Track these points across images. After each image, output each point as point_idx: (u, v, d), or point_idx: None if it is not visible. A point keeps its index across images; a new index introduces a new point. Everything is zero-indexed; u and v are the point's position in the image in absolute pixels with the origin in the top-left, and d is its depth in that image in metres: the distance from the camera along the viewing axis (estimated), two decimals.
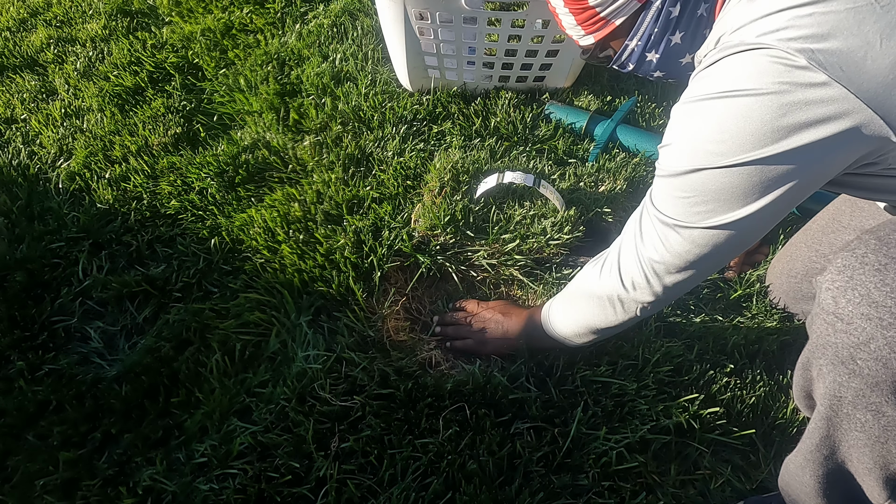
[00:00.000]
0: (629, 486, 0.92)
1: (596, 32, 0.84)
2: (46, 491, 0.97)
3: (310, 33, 1.76)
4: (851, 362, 0.59)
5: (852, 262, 0.59)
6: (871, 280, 0.57)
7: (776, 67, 0.58)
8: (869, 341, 0.57)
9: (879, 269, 0.57)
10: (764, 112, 0.59)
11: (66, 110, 1.71)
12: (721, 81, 0.63)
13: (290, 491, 0.92)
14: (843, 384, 0.62)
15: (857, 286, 0.58)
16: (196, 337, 1.14)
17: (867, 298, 0.57)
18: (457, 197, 1.26)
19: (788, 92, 0.57)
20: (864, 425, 0.62)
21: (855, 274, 0.58)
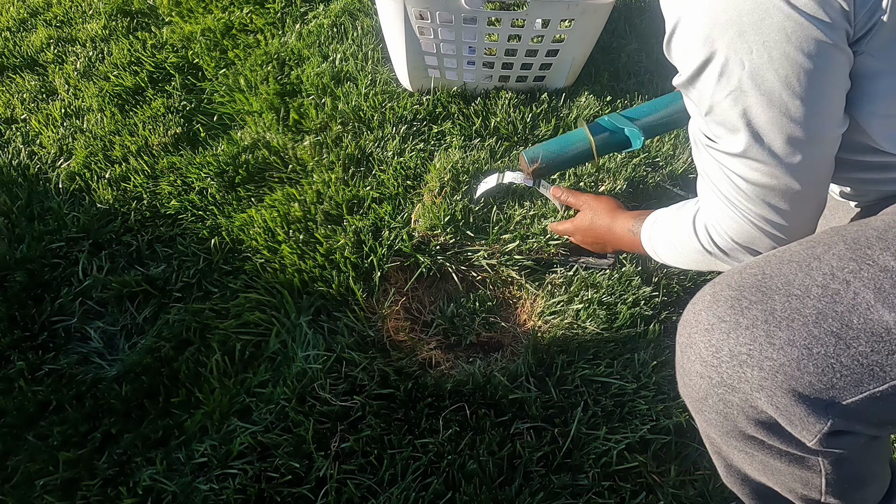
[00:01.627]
0: (629, 486, 0.92)
1: None
2: (46, 491, 0.97)
3: (310, 33, 1.76)
4: (701, 413, 0.62)
5: (690, 318, 0.60)
6: (701, 339, 0.58)
7: None
8: (706, 397, 0.60)
9: (708, 328, 0.58)
10: None
11: (66, 110, 1.71)
12: None
13: (290, 491, 0.92)
14: (704, 428, 0.66)
15: (693, 345, 0.59)
16: (196, 337, 1.14)
17: (699, 357, 0.58)
18: (457, 197, 1.26)
19: None
20: (745, 461, 0.66)
21: (691, 332, 0.59)
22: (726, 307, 0.57)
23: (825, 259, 0.56)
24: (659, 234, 0.89)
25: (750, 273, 0.59)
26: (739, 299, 0.57)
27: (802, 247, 0.60)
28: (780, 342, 0.54)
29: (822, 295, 0.54)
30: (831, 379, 0.52)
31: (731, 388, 0.56)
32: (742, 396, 0.56)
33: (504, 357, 1.11)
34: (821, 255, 0.57)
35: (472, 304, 1.17)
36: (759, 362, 0.54)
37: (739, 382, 0.56)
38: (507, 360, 1.09)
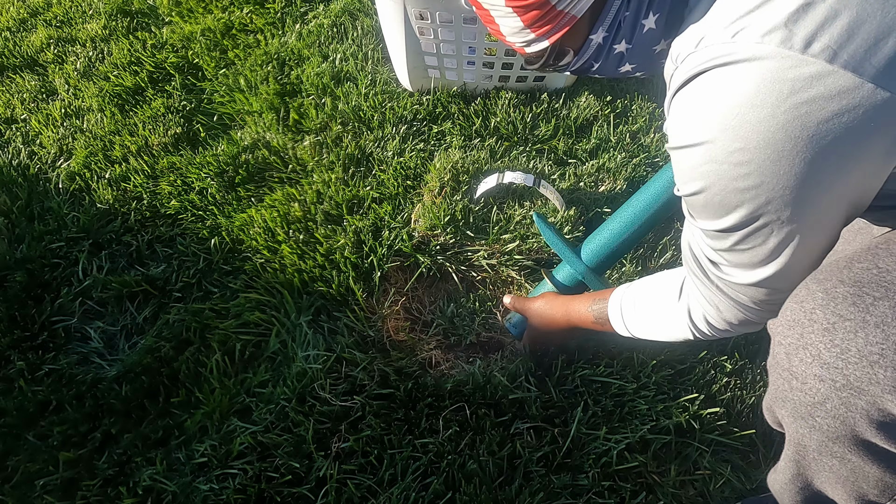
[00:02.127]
0: (629, 486, 0.92)
1: (551, 34, 0.67)
2: (46, 491, 0.97)
3: (310, 33, 1.76)
4: (810, 418, 0.59)
5: (801, 317, 0.56)
6: (820, 340, 0.55)
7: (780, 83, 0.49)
8: (824, 401, 0.56)
9: (828, 328, 0.54)
10: (786, 142, 0.51)
11: (66, 110, 1.71)
12: (710, 117, 0.53)
13: (290, 491, 0.93)
14: (806, 435, 0.62)
15: (808, 346, 0.56)
16: (196, 337, 1.14)
17: (818, 359, 0.55)
18: (457, 197, 1.26)
19: (800, 114, 0.49)
20: (832, 468, 0.62)
21: (805, 332, 0.56)
22: (847, 304, 0.53)
23: None
24: (637, 318, 0.84)
25: (862, 268, 0.55)
26: (861, 296, 0.53)
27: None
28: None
29: None
30: None
31: (858, 390, 0.53)
32: (870, 399, 0.53)
33: (504, 357, 1.11)
34: None
35: (472, 304, 1.17)
36: (893, 362, 0.51)
37: (869, 384, 0.52)
38: (507, 360, 1.09)
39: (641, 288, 0.84)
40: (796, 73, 0.49)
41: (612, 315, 0.88)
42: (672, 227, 1.26)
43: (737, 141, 0.53)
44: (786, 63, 0.49)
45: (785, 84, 0.49)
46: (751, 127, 0.51)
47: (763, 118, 0.51)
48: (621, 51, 0.70)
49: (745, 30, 0.52)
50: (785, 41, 0.49)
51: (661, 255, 1.18)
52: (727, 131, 0.53)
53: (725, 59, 0.52)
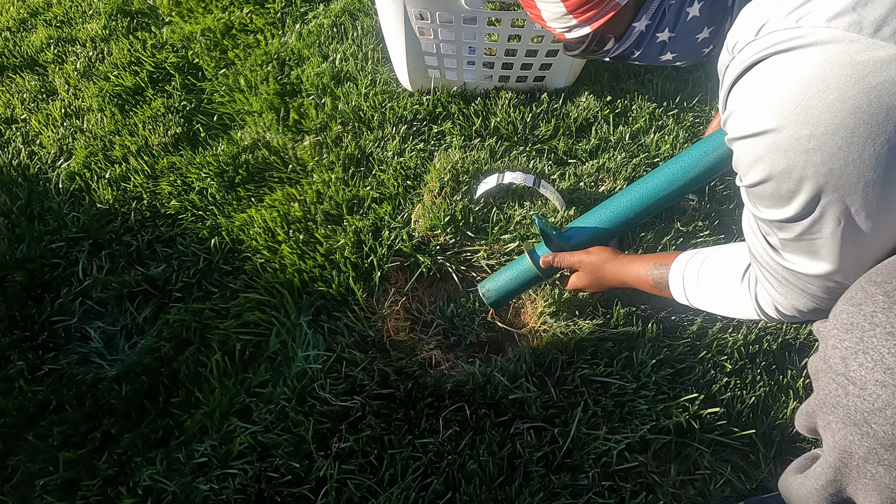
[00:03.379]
0: (629, 486, 0.92)
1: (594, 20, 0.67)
2: (46, 491, 0.97)
3: (310, 33, 1.76)
4: (865, 425, 0.57)
5: (861, 321, 0.54)
6: (883, 344, 0.53)
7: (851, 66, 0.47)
8: (885, 408, 0.54)
9: (892, 332, 0.52)
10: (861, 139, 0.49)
11: (66, 110, 1.71)
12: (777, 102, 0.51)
13: (290, 491, 0.93)
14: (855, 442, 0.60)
15: (869, 350, 0.53)
16: (196, 337, 1.14)
17: (881, 364, 0.53)
18: (457, 197, 1.26)
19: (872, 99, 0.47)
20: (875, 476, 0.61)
21: (865, 335, 0.54)
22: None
23: None
24: (701, 292, 0.82)
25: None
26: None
27: None
28: None
29: None
30: None
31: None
32: None
33: (504, 357, 1.11)
34: None
35: (472, 304, 1.17)
36: None
37: None
38: (507, 361, 1.09)
39: (705, 263, 0.81)
40: (866, 57, 0.47)
41: (673, 284, 0.86)
42: (671, 227, 1.26)
43: (804, 127, 0.51)
44: (855, 47, 0.48)
45: (854, 68, 0.48)
46: (819, 112, 0.50)
47: (831, 102, 0.49)
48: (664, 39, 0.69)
49: (811, 14, 0.50)
50: (854, 25, 0.48)
51: None
52: (794, 117, 0.51)
53: (790, 44, 0.51)
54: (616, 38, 0.71)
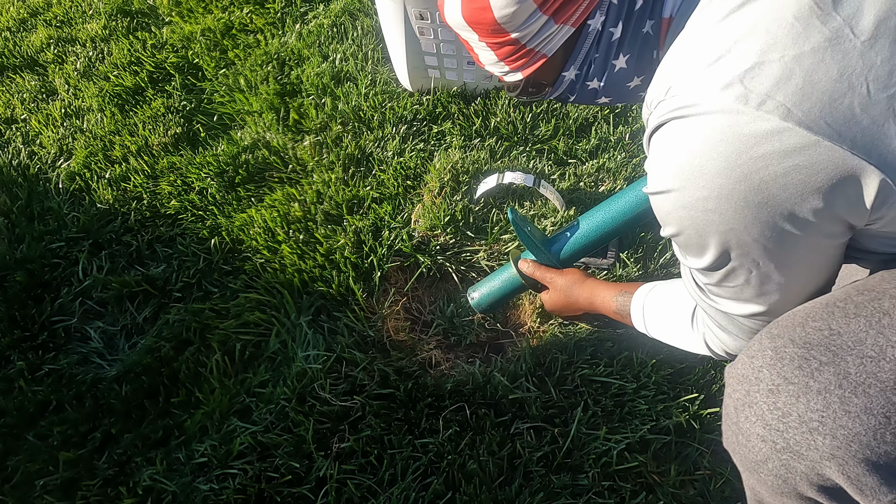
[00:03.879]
0: (629, 486, 0.92)
1: (524, 68, 0.70)
2: (46, 491, 0.97)
3: (310, 33, 1.76)
4: (756, 473, 0.59)
5: (750, 374, 0.57)
6: (764, 401, 0.55)
7: (737, 137, 0.51)
8: (766, 461, 0.56)
9: (773, 389, 0.54)
10: (739, 200, 0.53)
11: (66, 110, 1.71)
12: (676, 166, 0.55)
13: (290, 491, 0.93)
14: (755, 486, 0.62)
15: (753, 404, 0.56)
16: (196, 337, 1.14)
17: (761, 419, 0.55)
18: (457, 197, 1.26)
19: (757, 168, 0.51)
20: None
21: (751, 390, 0.56)
22: (793, 367, 0.54)
23: (895, 315, 0.53)
24: (657, 324, 0.87)
25: (814, 327, 0.56)
26: (808, 359, 0.54)
27: (865, 297, 0.56)
28: (855, 410, 0.50)
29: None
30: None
31: (798, 454, 0.53)
32: (809, 464, 0.53)
33: (504, 357, 1.11)
34: (889, 310, 0.54)
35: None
36: (832, 430, 0.51)
37: (808, 450, 0.52)
38: (507, 361, 1.09)
39: (662, 297, 0.84)
40: (752, 129, 0.50)
41: (634, 314, 0.89)
42: None
43: (701, 190, 0.54)
44: (742, 118, 0.51)
45: (741, 138, 0.51)
46: (711, 177, 0.53)
47: (722, 169, 0.52)
48: (595, 87, 0.72)
49: (706, 82, 0.53)
50: (741, 97, 0.51)
51: (661, 254, 1.18)
52: (691, 180, 0.55)
53: (687, 110, 0.54)
54: (549, 84, 0.74)
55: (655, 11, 0.64)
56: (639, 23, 0.65)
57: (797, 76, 0.50)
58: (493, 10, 0.63)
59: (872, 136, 0.49)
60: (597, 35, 0.66)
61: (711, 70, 0.53)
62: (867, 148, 0.49)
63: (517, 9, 0.62)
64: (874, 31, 0.49)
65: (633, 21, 0.65)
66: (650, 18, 0.65)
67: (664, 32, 0.65)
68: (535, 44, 0.66)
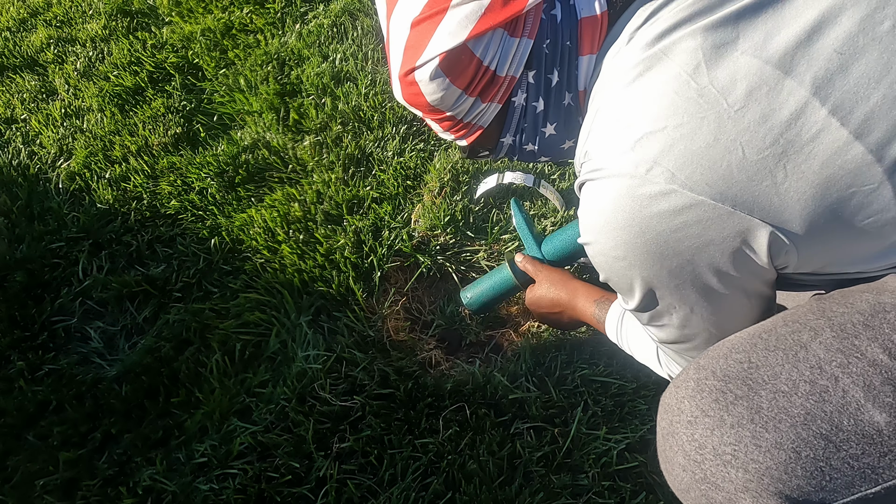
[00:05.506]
0: (629, 486, 0.92)
1: (466, 137, 0.78)
2: (46, 491, 0.97)
3: (310, 33, 1.76)
4: (683, 499, 0.61)
5: (673, 404, 0.59)
6: (683, 432, 0.57)
7: (633, 198, 0.57)
8: (688, 489, 0.58)
9: (691, 421, 0.56)
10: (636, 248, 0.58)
11: (66, 110, 1.71)
12: (591, 220, 0.62)
13: (290, 491, 0.93)
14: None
15: (675, 434, 0.58)
16: (196, 337, 1.14)
17: (682, 450, 0.57)
18: (457, 197, 1.26)
19: (652, 224, 0.57)
20: None
21: (674, 420, 0.58)
22: (710, 400, 0.56)
23: (812, 349, 0.55)
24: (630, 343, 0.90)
25: (736, 360, 0.58)
26: (724, 392, 0.56)
27: (788, 329, 0.59)
28: (766, 444, 0.52)
29: (811, 392, 0.53)
30: (821, 482, 0.51)
31: (715, 485, 0.55)
32: (726, 495, 0.55)
33: (504, 357, 1.11)
34: (807, 343, 0.56)
35: None
36: (744, 464, 0.53)
37: (723, 482, 0.54)
38: (507, 360, 1.09)
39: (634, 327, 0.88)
40: (644, 191, 0.56)
41: (608, 328, 0.92)
42: None
43: (610, 242, 0.60)
44: (635, 181, 0.56)
45: (636, 199, 0.56)
46: (617, 233, 0.59)
47: (624, 225, 0.58)
48: (532, 149, 0.80)
49: (610, 149, 0.59)
50: (634, 163, 0.56)
51: None
52: (603, 233, 0.61)
53: (597, 173, 0.60)
54: (491, 149, 0.83)
55: (571, 85, 0.71)
56: (558, 96, 0.72)
57: (679, 144, 0.55)
58: (426, 96, 0.70)
59: (752, 193, 0.54)
60: (522, 109, 0.74)
61: (614, 139, 0.59)
62: (749, 205, 0.54)
63: (444, 94, 0.69)
64: (745, 100, 0.53)
65: (552, 96, 0.72)
66: (569, 91, 0.71)
67: (582, 102, 0.72)
68: (469, 118, 0.73)
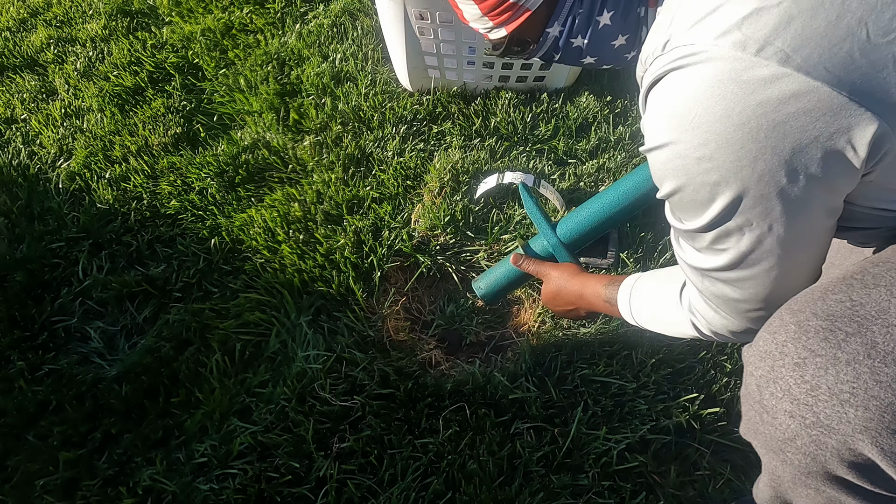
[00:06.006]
0: (629, 486, 0.92)
1: (507, 23, 0.70)
2: (46, 491, 0.97)
3: (310, 33, 1.76)
4: (781, 453, 0.58)
5: (773, 349, 0.55)
6: (790, 375, 0.54)
7: (737, 83, 0.50)
8: (794, 438, 0.55)
9: (798, 363, 0.53)
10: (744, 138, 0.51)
11: (66, 110, 1.71)
12: (674, 117, 0.54)
13: (290, 491, 0.93)
14: (778, 468, 0.61)
15: (779, 380, 0.54)
16: (196, 337, 1.14)
17: (788, 394, 0.54)
18: (457, 197, 1.26)
19: (756, 115, 0.50)
20: (808, 496, 0.62)
21: (775, 365, 0.55)
22: (819, 339, 0.52)
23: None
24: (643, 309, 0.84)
25: (835, 300, 0.54)
26: (832, 331, 0.52)
27: (882, 268, 0.55)
28: (887, 379, 0.49)
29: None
30: None
31: (829, 428, 0.52)
32: (840, 438, 0.52)
33: (504, 357, 1.11)
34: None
35: (471, 304, 1.17)
36: (864, 402, 0.50)
37: (839, 423, 0.51)
38: (507, 360, 1.09)
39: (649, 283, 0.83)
40: (750, 76, 0.50)
41: (621, 303, 0.88)
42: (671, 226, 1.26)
43: (697, 139, 0.53)
44: (740, 65, 0.50)
45: (739, 85, 0.50)
46: (708, 126, 0.52)
47: (719, 117, 0.51)
48: (580, 45, 0.71)
49: (703, 32, 0.52)
50: (739, 44, 0.50)
51: (662, 254, 1.18)
52: (688, 131, 0.54)
53: (684, 61, 0.53)
54: (533, 41, 0.74)
55: None
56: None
57: (796, 22, 0.49)
58: None
59: (871, 81, 0.48)
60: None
61: (709, 19, 0.52)
62: (866, 94, 0.48)
63: None
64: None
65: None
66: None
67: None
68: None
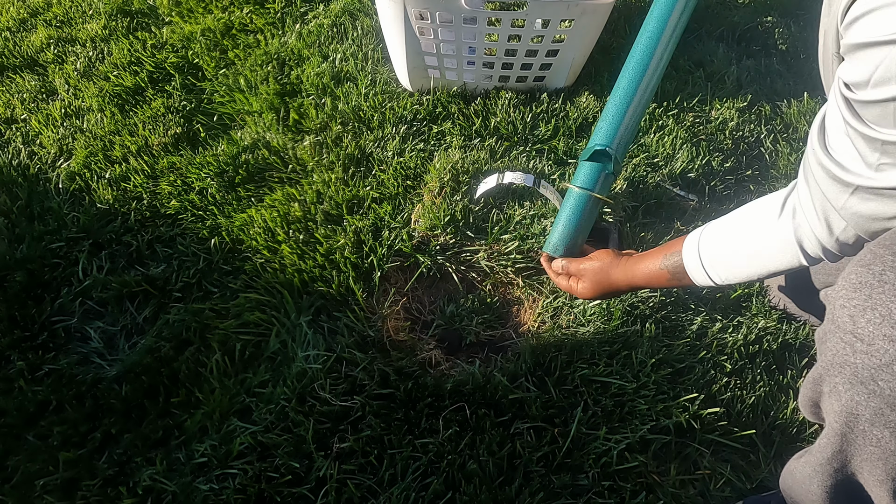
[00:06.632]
0: (629, 486, 0.92)
1: None
2: (46, 491, 0.97)
3: (310, 33, 1.76)
4: (872, 382, 0.57)
5: (870, 279, 0.56)
6: (891, 300, 0.54)
7: None
8: (892, 363, 0.54)
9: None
10: None
11: (66, 110, 1.71)
12: None
13: (290, 491, 0.93)
14: (861, 403, 0.60)
15: (878, 306, 0.55)
16: (196, 337, 1.14)
17: (889, 319, 0.54)
18: (457, 197, 1.26)
19: None
20: (881, 441, 0.61)
21: (874, 293, 0.55)
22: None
23: None
24: (719, 252, 0.78)
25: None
26: None
27: None
28: None
29: None
30: None
31: None
32: None
33: (504, 357, 1.11)
34: None
35: (471, 305, 1.17)
36: None
37: None
38: (507, 360, 1.09)
39: (724, 223, 0.79)
40: None
41: (689, 263, 0.82)
42: (671, 226, 1.26)
43: None
44: None
45: None
46: None
47: None
48: None
49: None
50: None
51: None
52: None
53: None
54: None
55: None
56: None
57: None
58: None
59: None
60: None
61: None
62: None
63: None
64: None
65: None
66: None
67: None
68: None
